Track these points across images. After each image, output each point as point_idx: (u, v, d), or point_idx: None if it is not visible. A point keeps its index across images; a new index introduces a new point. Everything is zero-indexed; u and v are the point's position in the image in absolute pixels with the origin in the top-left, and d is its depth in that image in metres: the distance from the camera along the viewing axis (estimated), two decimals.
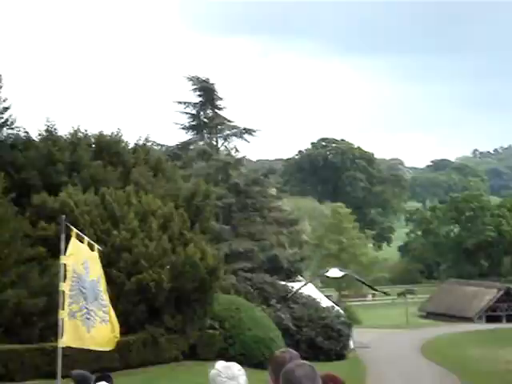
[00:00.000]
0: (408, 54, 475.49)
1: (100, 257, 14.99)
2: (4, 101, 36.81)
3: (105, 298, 14.45)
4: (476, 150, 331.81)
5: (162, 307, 33.16)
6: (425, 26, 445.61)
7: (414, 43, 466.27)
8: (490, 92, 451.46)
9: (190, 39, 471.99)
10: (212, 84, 57.14)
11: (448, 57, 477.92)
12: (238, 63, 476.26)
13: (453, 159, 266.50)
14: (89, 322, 13.91)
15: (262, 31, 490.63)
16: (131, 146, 39.75)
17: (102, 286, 14.50)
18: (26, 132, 37.90)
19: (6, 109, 36.94)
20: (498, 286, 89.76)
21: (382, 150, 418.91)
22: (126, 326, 32.19)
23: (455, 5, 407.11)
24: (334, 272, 58.98)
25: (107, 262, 28.70)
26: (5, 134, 37.44)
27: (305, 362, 4.77)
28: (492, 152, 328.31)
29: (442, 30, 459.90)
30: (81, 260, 14.08)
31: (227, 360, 6.03)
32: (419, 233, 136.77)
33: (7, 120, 37.09)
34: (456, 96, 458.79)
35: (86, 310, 13.88)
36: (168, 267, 32.71)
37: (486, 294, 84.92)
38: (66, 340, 13.62)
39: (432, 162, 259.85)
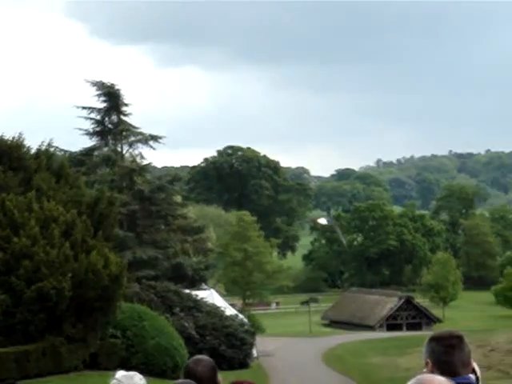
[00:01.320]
0: (315, 65, 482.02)
1: None
2: None
3: None
4: (379, 160, 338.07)
5: (62, 315, 32.50)
6: (336, 36, 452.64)
7: (322, 54, 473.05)
8: (393, 102, 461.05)
9: (92, 46, 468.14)
10: (117, 90, 56.53)
11: (353, 68, 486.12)
12: (143, 71, 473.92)
13: (357, 169, 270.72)
14: None
15: (170, 39, 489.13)
16: (33, 150, 38.86)
17: None
18: None
19: None
20: (399, 294, 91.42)
21: (287, 159, 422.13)
22: (25, 335, 31.58)
23: (364, 16, 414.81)
24: (322, 220, 62.92)
25: (6, 270, 28.15)
26: None
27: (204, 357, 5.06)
28: (395, 162, 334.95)
29: (350, 40, 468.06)
30: None
31: (129, 369, 5.91)
32: (323, 241, 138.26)
33: None
34: (361, 107, 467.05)
35: None
36: (70, 275, 32.11)
37: (388, 302, 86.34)
38: None
39: (336, 171, 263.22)
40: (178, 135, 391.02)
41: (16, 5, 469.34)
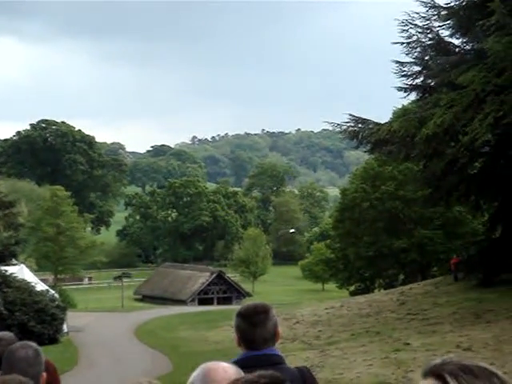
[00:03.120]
0: (136, 40, 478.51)
1: None
2: None
3: None
4: (195, 137, 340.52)
5: None
6: (157, 12, 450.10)
7: (144, 30, 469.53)
8: (209, 80, 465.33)
9: None
10: None
11: (173, 44, 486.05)
12: None
13: (172, 145, 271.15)
14: None
15: None
16: None
17: None
18: None
19: None
20: (211, 269, 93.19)
21: (104, 135, 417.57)
22: None
23: None
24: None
25: None
26: None
27: (31, 344, 4.91)
28: (210, 139, 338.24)
29: (171, 17, 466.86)
30: None
31: None
32: (138, 217, 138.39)
33: None
34: (176, 83, 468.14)
35: None
36: None
37: (200, 277, 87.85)
38: None
39: (152, 147, 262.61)
40: None
41: None
